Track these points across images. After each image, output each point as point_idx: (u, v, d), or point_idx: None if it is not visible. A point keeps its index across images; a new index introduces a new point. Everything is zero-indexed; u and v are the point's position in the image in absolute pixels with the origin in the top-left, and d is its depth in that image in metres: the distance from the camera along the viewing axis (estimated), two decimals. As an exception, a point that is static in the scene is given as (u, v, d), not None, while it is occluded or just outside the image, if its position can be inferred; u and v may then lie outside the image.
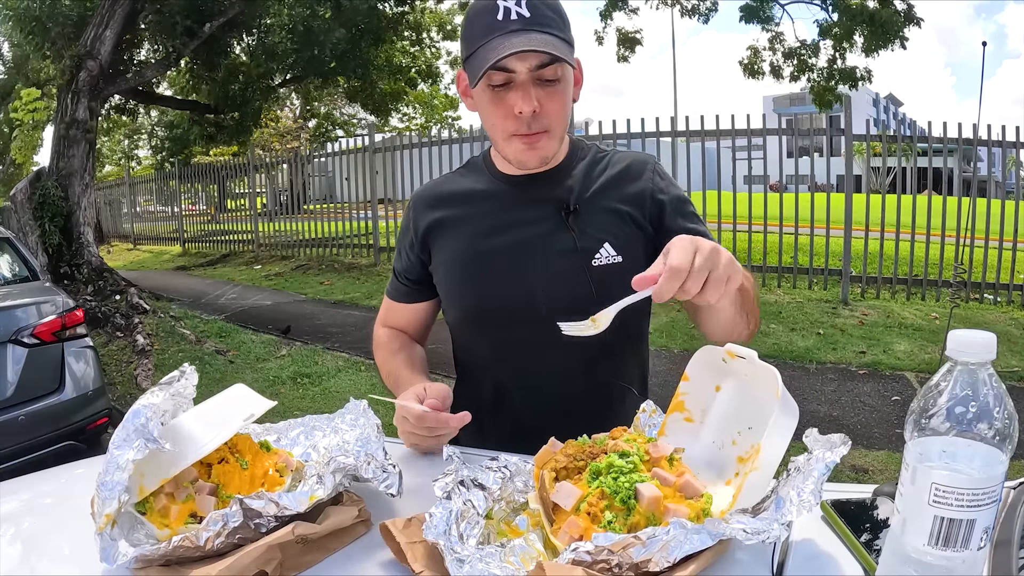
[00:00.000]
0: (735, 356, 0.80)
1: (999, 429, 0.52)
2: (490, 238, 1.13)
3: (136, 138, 24.24)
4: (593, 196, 1.12)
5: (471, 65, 1.01)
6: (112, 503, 0.66)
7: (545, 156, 1.07)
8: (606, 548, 0.59)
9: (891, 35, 8.21)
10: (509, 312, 1.12)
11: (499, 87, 1.01)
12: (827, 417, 4.04)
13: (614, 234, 1.10)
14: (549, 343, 1.09)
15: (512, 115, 1.01)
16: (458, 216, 1.17)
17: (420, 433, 0.99)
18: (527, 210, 1.12)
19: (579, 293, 1.06)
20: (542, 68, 0.99)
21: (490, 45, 0.97)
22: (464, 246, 1.15)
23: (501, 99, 1.02)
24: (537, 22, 0.98)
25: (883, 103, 53.04)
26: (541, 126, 1.02)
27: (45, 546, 0.78)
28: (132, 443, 0.70)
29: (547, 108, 1.02)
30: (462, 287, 1.16)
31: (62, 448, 3.24)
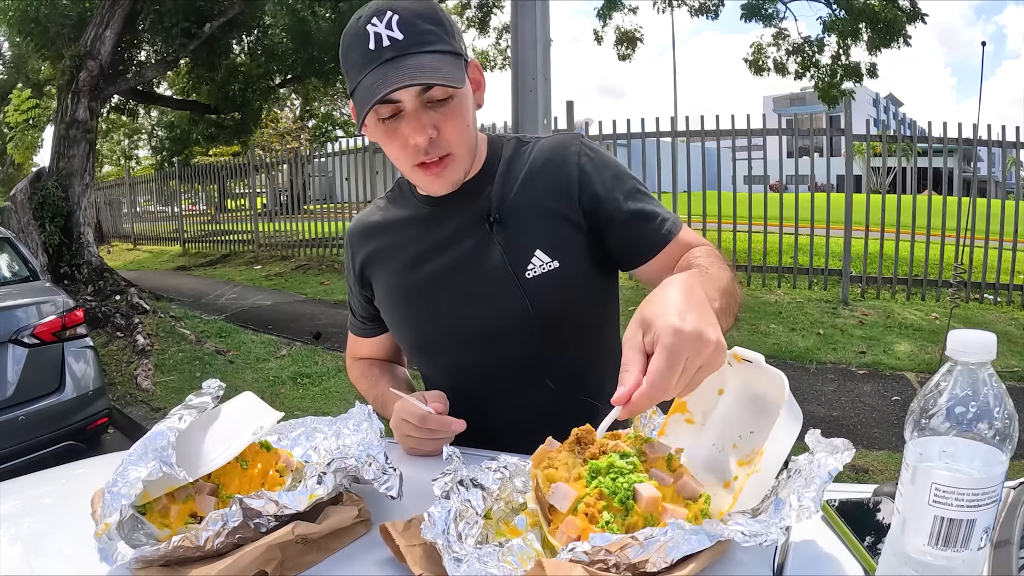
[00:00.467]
0: (740, 359, 0.80)
1: (999, 429, 0.52)
2: (419, 266, 1.09)
3: (136, 138, 24.24)
4: (516, 199, 1.05)
5: (356, 100, 0.94)
6: (114, 515, 0.66)
7: (453, 180, 1.02)
8: (603, 548, 0.59)
9: (895, 33, 8.21)
10: (452, 339, 1.08)
11: (389, 119, 0.95)
12: (827, 417, 4.04)
13: (545, 237, 1.02)
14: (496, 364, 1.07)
15: (408, 146, 0.96)
16: (387, 247, 1.13)
17: (420, 436, 0.98)
18: (451, 231, 1.07)
19: (514, 310, 1.02)
20: (429, 91, 0.93)
21: (367, 81, 0.91)
22: (396, 278, 1.12)
23: (394, 131, 0.96)
24: (414, 43, 0.91)
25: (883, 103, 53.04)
26: (441, 151, 0.97)
27: (45, 546, 0.78)
28: (147, 463, 0.70)
29: (445, 132, 0.95)
30: (401, 320, 1.14)
31: (62, 448, 3.25)
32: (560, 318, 1.04)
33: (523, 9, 3.13)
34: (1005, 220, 6.29)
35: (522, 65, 3.15)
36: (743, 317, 6.24)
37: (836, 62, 9.00)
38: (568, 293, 1.03)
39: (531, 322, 1.02)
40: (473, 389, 1.08)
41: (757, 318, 6.02)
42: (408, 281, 1.10)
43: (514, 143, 1.11)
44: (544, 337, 1.03)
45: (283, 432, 0.96)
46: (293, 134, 21.13)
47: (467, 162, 1.02)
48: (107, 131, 19.72)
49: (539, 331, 1.03)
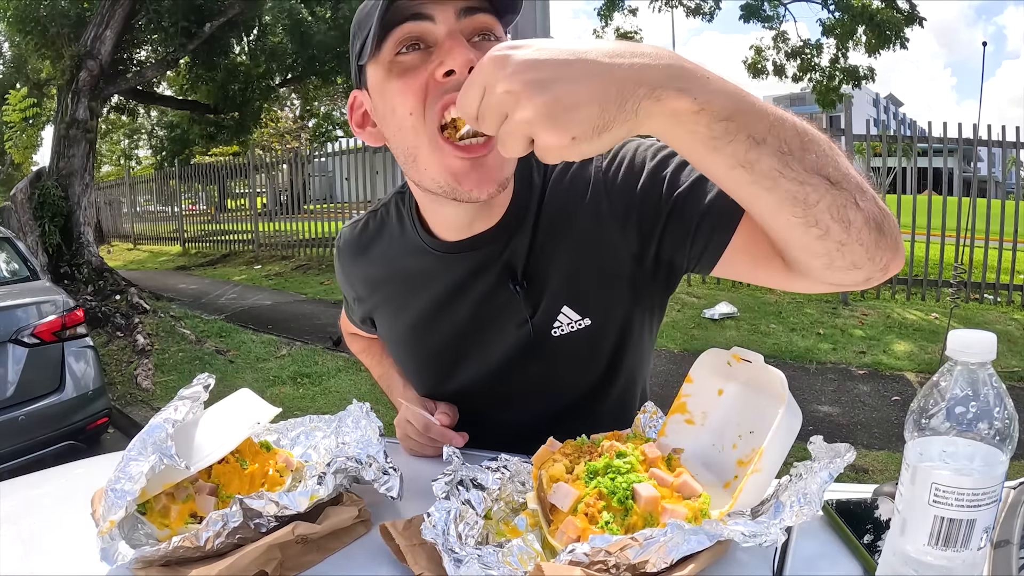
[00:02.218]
0: (740, 360, 0.80)
1: (999, 429, 0.52)
2: (434, 324, 0.93)
3: (136, 138, 24.24)
4: (543, 245, 0.84)
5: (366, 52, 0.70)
6: (119, 511, 0.66)
7: (498, 178, 0.72)
8: (603, 549, 0.59)
9: (892, 35, 8.22)
10: (470, 397, 0.98)
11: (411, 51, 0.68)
12: (827, 417, 4.04)
13: (572, 292, 0.84)
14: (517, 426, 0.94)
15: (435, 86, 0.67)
16: (392, 294, 0.97)
17: (420, 441, 0.96)
18: (470, 285, 0.87)
19: (537, 373, 0.91)
20: (472, 15, 0.68)
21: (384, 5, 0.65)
22: (405, 333, 0.98)
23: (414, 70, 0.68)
24: None
25: (883, 103, 53.04)
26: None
27: (45, 546, 0.78)
28: (147, 456, 0.70)
29: None
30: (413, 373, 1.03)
31: (62, 448, 3.25)
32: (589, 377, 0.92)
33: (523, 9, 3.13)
34: (1005, 220, 6.29)
35: (522, 65, 3.14)
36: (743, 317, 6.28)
37: (834, 65, 9.01)
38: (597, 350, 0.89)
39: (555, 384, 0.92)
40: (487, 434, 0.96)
41: (757, 318, 6.02)
42: (419, 339, 0.96)
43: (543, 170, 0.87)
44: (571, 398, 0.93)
45: (283, 432, 0.96)
46: (293, 134, 21.14)
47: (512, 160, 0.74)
48: (107, 131, 19.73)
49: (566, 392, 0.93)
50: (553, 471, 0.73)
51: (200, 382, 0.84)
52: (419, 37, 0.67)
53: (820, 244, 0.59)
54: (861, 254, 0.59)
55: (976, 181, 6.96)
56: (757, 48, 9.63)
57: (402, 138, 0.71)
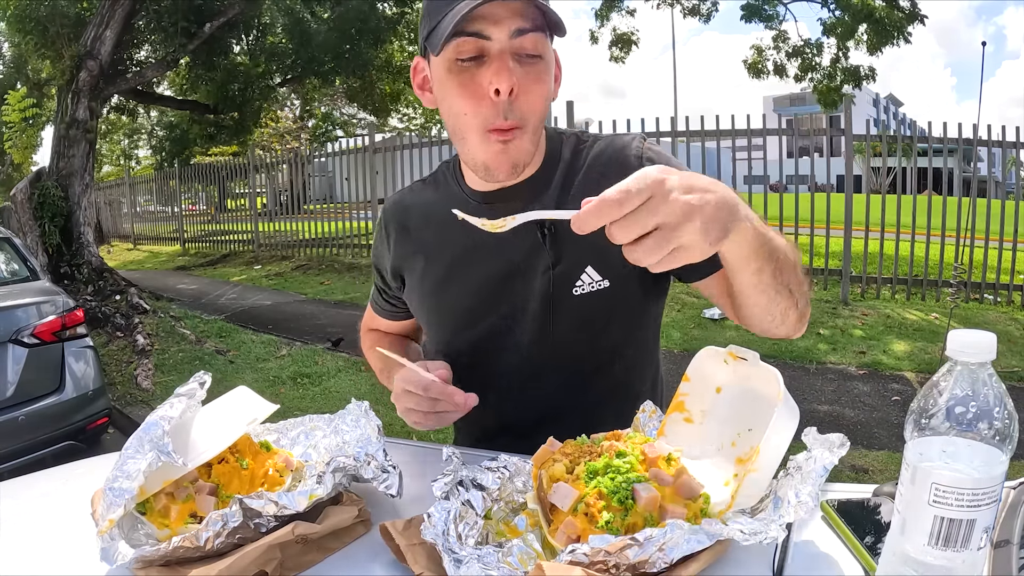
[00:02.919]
0: (737, 358, 0.80)
1: (999, 429, 0.52)
2: (463, 269, 0.99)
3: (136, 138, 24.24)
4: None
5: (434, 38, 0.82)
6: (118, 510, 0.66)
7: (516, 161, 0.88)
8: (603, 550, 0.59)
9: (894, 32, 8.21)
10: (490, 346, 1.02)
11: (468, 61, 0.83)
12: (827, 417, 4.04)
13: (597, 254, 0.93)
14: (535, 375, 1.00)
15: (485, 98, 0.82)
16: (428, 242, 1.04)
17: (423, 408, 0.89)
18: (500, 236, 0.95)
19: (557, 327, 0.96)
20: (522, 36, 0.81)
21: (458, 6, 0.79)
22: (436, 279, 1.03)
23: (471, 78, 0.83)
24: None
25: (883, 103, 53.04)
26: (515, 116, 0.83)
27: (45, 546, 0.78)
28: (145, 454, 0.70)
29: (525, 92, 0.83)
30: (436, 322, 1.06)
31: (62, 448, 3.25)
32: (602, 340, 0.98)
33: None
34: (1005, 220, 6.29)
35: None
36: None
37: (835, 65, 9.00)
38: (614, 313, 0.97)
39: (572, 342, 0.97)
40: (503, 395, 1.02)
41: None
42: (448, 283, 1.01)
43: (573, 141, 1.00)
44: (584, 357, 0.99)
45: (282, 432, 0.96)
46: (293, 134, 21.14)
47: (533, 145, 0.89)
48: (107, 132, 19.72)
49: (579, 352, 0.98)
50: (553, 471, 0.73)
51: (196, 380, 0.84)
52: (477, 52, 0.82)
53: (766, 321, 0.86)
54: (783, 332, 0.90)
55: (976, 181, 6.96)
56: (757, 48, 9.62)
57: (454, 122, 0.88)
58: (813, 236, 6.98)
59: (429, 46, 0.85)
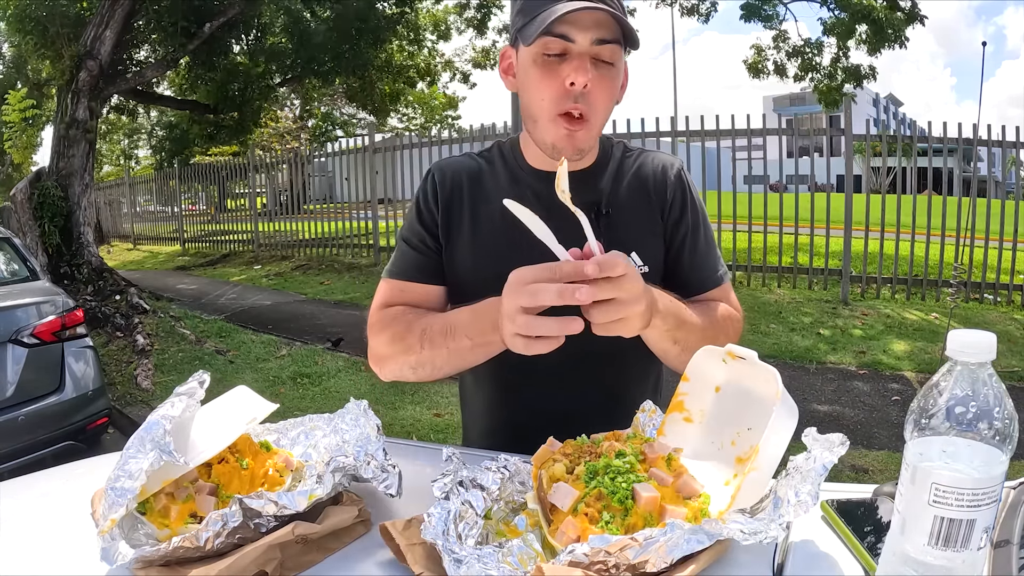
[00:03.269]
0: (735, 357, 0.80)
1: (999, 429, 0.52)
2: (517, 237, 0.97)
3: (136, 138, 24.24)
4: (623, 200, 1.09)
5: (525, 31, 0.96)
6: (120, 509, 0.66)
7: (581, 147, 1.01)
8: (603, 550, 0.59)
9: (893, 34, 8.21)
10: None
11: (553, 57, 0.96)
12: (827, 417, 4.04)
13: (642, 242, 1.07)
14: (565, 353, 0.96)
15: (562, 88, 0.96)
16: (484, 205, 1.09)
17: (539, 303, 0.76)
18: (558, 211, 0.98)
19: None
20: (602, 44, 0.94)
21: (555, 8, 0.92)
22: (490, 242, 1.07)
23: (553, 71, 0.96)
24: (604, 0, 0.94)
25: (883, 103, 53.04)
26: (587, 107, 0.97)
27: (45, 546, 0.78)
28: (147, 453, 0.70)
29: (596, 91, 0.96)
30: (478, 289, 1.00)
31: (62, 448, 3.24)
32: None
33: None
34: (1005, 220, 6.29)
35: (522, 65, 3.15)
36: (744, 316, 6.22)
37: (835, 64, 9.00)
38: None
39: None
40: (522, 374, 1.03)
41: (757, 318, 6.01)
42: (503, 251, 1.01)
43: (621, 147, 1.15)
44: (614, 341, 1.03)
45: (282, 431, 0.96)
46: (293, 134, 21.13)
47: (595, 138, 1.03)
48: (107, 132, 19.73)
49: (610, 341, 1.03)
50: (553, 471, 0.73)
51: (196, 379, 0.84)
52: (561, 51, 0.95)
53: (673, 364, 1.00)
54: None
55: (976, 181, 6.96)
56: (757, 48, 9.62)
57: (531, 106, 1.01)
58: (813, 236, 6.98)
59: (521, 38, 0.98)
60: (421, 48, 13.16)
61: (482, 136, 8.20)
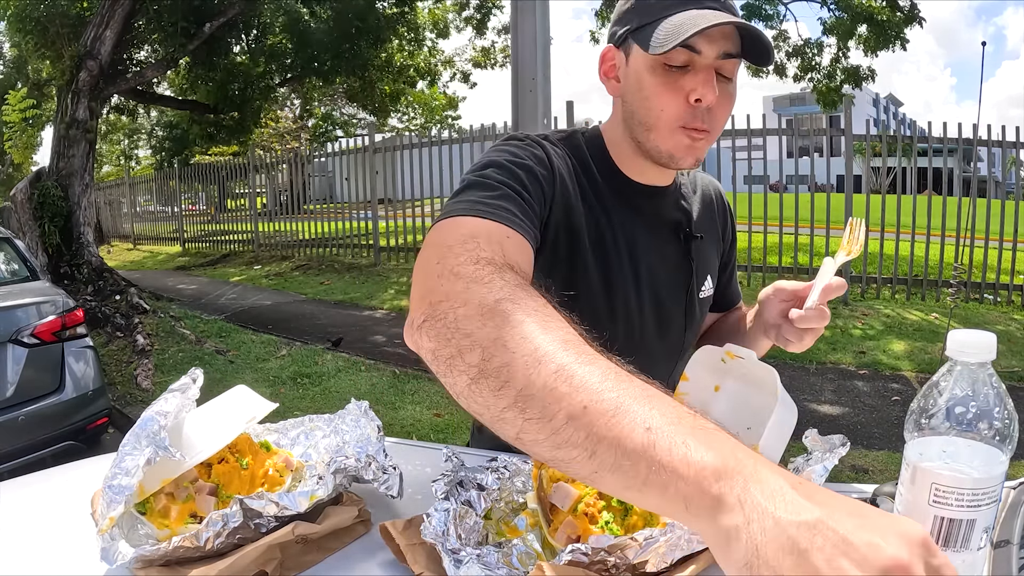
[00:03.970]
0: (734, 357, 0.80)
1: (999, 429, 0.52)
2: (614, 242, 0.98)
3: (136, 138, 24.23)
4: (698, 220, 1.09)
5: (644, 34, 0.88)
6: (118, 507, 0.66)
7: (700, 157, 0.97)
8: (602, 550, 0.59)
9: (892, 35, 8.22)
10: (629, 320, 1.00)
11: (676, 69, 0.89)
12: (827, 417, 4.04)
13: (712, 267, 1.11)
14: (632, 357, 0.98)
15: (686, 104, 0.89)
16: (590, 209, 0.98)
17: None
18: (653, 226, 1.02)
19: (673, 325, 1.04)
20: (726, 59, 0.88)
21: (685, 16, 0.85)
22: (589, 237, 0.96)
23: (675, 83, 0.89)
24: (728, 8, 0.89)
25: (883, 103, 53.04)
26: (708, 124, 0.91)
27: (45, 546, 0.78)
28: (143, 450, 0.70)
29: (719, 106, 0.90)
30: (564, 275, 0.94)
31: (62, 448, 3.24)
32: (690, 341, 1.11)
33: (523, 9, 3.13)
34: (1005, 220, 6.29)
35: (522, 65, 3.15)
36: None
37: (835, 65, 9.00)
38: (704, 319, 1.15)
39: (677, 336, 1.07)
40: None
41: (757, 318, 6.01)
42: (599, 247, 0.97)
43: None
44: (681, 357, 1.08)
45: (282, 432, 0.96)
46: (293, 134, 21.13)
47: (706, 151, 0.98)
48: (107, 132, 19.71)
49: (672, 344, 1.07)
50: (553, 471, 0.73)
51: (189, 376, 0.84)
52: (686, 62, 0.88)
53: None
54: None
55: (976, 181, 6.96)
56: (757, 48, 9.61)
57: (646, 115, 0.92)
58: (813, 236, 6.98)
59: (637, 41, 0.90)
60: (421, 48, 13.15)
61: (482, 136, 8.20)
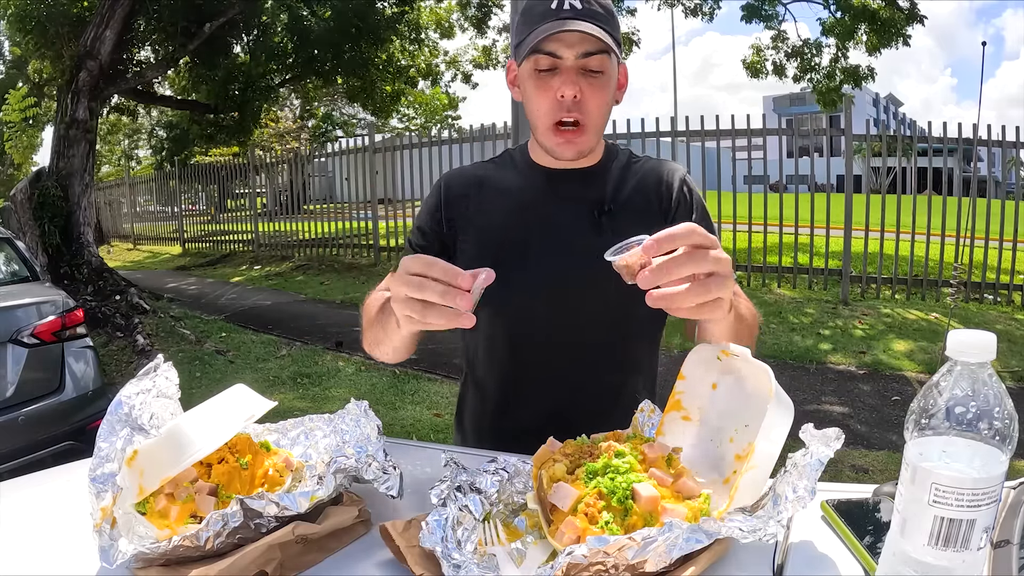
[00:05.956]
0: (729, 354, 0.80)
1: (999, 429, 0.52)
2: (521, 232, 1.12)
3: (136, 138, 24.23)
4: (626, 200, 1.13)
5: (521, 49, 1.04)
6: (106, 496, 0.66)
7: (581, 149, 1.08)
8: (601, 551, 0.59)
9: (893, 33, 8.21)
10: (532, 304, 1.10)
11: (544, 72, 1.03)
12: (827, 417, 4.04)
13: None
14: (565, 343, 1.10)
15: (555, 100, 1.03)
16: (490, 205, 1.15)
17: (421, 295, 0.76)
18: (561, 207, 1.12)
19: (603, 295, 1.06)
20: (588, 57, 1.01)
21: (541, 28, 1.00)
22: (494, 238, 1.13)
23: (545, 84, 1.04)
24: (589, 14, 1.01)
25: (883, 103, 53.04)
26: (581, 115, 1.03)
27: (45, 546, 0.78)
28: (118, 433, 0.70)
29: (588, 98, 1.03)
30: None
31: (62, 448, 3.24)
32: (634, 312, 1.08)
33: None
34: (1005, 220, 6.29)
35: (522, 65, 3.15)
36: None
37: (835, 65, 9.00)
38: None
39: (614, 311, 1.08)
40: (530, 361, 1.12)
41: (757, 318, 6.01)
42: (508, 237, 1.12)
43: (627, 154, 1.20)
44: (616, 324, 1.10)
45: (282, 432, 0.96)
46: (293, 134, 21.12)
47: (595, 138, 1.09)
48: (107, 132, 19.71)
49: (615, 317, 1.09)
50: (553, 471, 0.73)
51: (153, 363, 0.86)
52: (551, 66, 1.03)
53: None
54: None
55: (976, 181, 6.95)
56: (756, 47, 9.62)
57: (532, 115, 1.09)
58: (813, 236, 6.98)
59: (515, 56, 1.08)
60: (422, 48, 13.15)
61: (482, 136, 8.20)
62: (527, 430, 0.99)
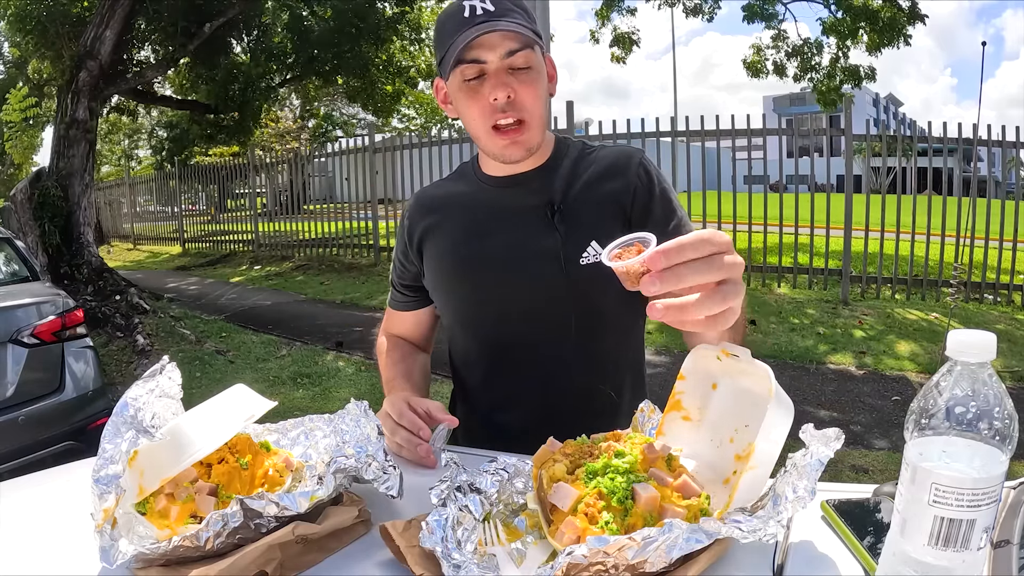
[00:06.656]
0: (729, 355, 0.80)
1: (999, 429, 0.52)
2: (475, 242, 1.14)
3: (136, 138, 24.22)
4: (579, 193, 1.12)
5: (445, 64, 1.03)
6: (109, 497, 0.66)
7: (528, 146, 1.07)
8: (601, 551, 0.59)
9: (894, 33, 8.21)
10: (493, 315, 1.14)
11: (473, 80, 1.03)
12: (827, 417, 4.04)
13: (601, 231, 1.08)
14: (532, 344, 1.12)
15: (488, 105, 1.03)
16: (446, 221, 1.18)
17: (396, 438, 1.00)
18: (512, 212, 1.13)
19: (561, 296, 1.08)
20: (512, 55, 1.01)
21: (460, 38, 0.99)
22: (450, 251, 1.16)
23: (476, 92, 1.03)
24: (502, 14, 1.01)
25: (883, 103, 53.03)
26: (517, 112, 1.03)
27: (45, 546, 0.78)
28: (123, 435, 0.70)
29: (521, 94, 1.02)
30: (448, 291, 1.18)
31: (62, 448, 3.24)
32: (598, 309, 1.10)
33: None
34: (1005, 220, 6.29)
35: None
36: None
37: (835, 64, 9.00)
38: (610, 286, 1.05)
39: (572, 309, 1.09)
40: (506, 367, 1.15)
41: (757, 318, 6.01)
42: (461, 255, 1.15)
43: (580, 146, 1.19)
44: (579, 323, 1.10)
45: (282, 432, 0.96)
46: (293, 134, 21.12)
47: (539, 133, 1.08)
48: (107, 132, 19.71)
49: (577, 316, 1.09)
50: (553, 471, 0.73)
51: (160, 364, 0.86)
52: (478, 73, 1.03)
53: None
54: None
55: (976, 181, 6.95)
56: (757, 47, 9.62)
57: (470, 126, 1.09)
58: (813, 236, 6.98)
59: (441, 73, 1.07)
60: (422, 48, 13.15)
61: (482, 136, 8.18)
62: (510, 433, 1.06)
